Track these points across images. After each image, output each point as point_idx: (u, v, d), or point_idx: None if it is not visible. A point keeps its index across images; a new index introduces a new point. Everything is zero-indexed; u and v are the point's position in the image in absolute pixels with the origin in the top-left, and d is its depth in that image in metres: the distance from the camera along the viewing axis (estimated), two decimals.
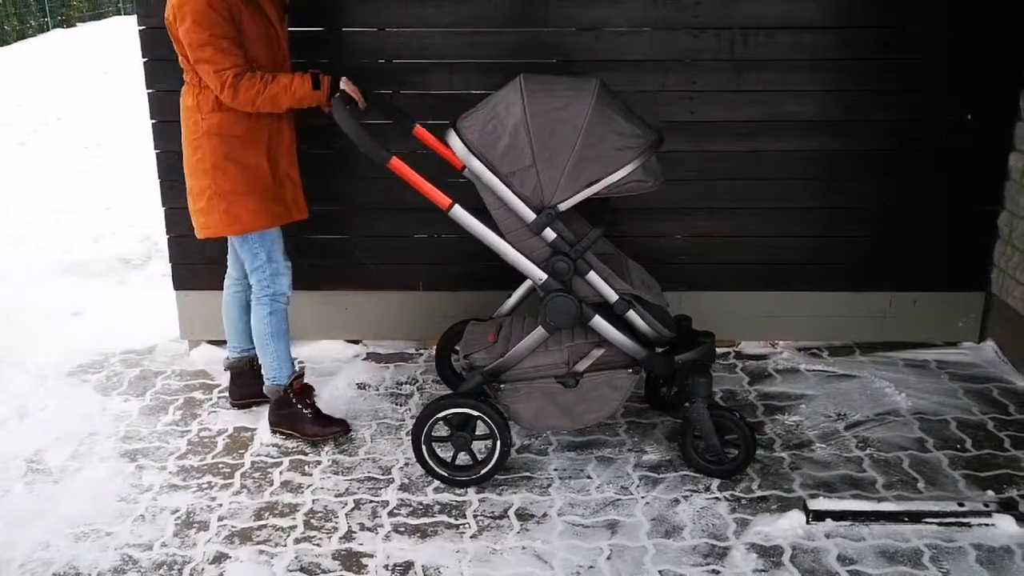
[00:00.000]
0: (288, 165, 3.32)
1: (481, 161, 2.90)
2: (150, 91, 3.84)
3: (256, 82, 3.05)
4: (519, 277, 3.25)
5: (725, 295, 4.04)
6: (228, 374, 3.68)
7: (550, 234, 2.95)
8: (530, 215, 2.92)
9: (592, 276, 3.00)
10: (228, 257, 3.50)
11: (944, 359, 3.99)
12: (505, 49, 3.75)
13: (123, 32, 16.23)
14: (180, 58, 3.17)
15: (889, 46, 3.73)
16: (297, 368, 3.48)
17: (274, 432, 3.46)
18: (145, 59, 3.79)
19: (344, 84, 3.16)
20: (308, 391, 3.52)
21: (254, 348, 3.48)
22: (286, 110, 3.17)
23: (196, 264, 4.03)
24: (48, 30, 20.24)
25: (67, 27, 21.05)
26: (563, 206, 2.91)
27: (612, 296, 3.03)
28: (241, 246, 3.30)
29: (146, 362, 4.10)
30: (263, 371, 3.44)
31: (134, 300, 4.83)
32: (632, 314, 3.04)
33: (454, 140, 2.93)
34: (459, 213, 2.97)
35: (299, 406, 3.42)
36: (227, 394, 3.71)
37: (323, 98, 3.12)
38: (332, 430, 3.42)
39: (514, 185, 2.91)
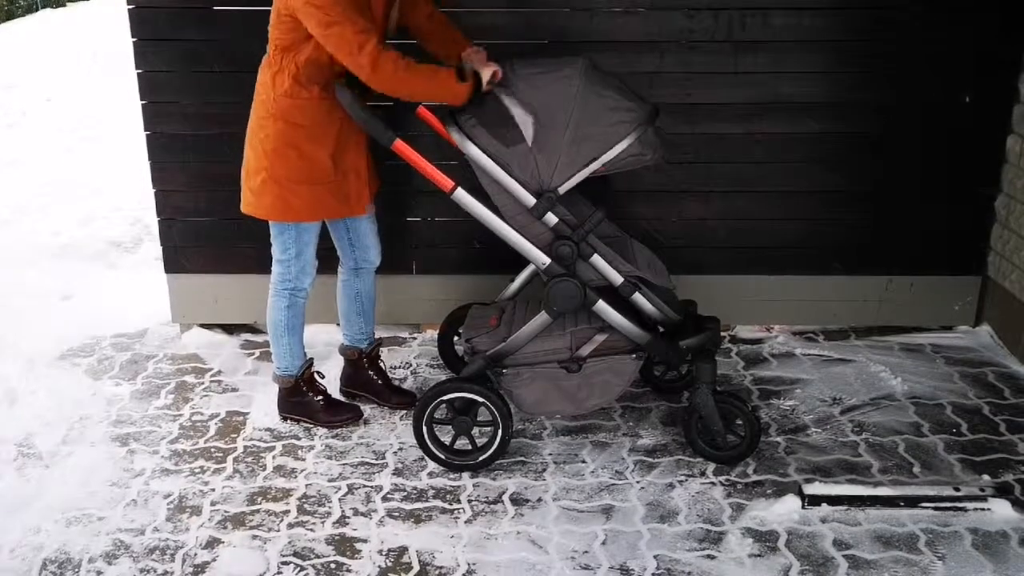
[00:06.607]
0: (355, 157, 3.14)
1: (478, 146, 2.87)
2: (139, 71, 3.78)
3: (397, 60, 2.78)
4: (518, 261, 3.22)
5: (720, 279, 4.02)
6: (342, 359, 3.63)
7: (552, 218, 2.92)
8: (530, 200, 2.89)
9: (596, 259, 2.97)
10: (336, 247, 3.40)
11: (940, 343, 3.98)
12: (498, 29, 3.70)
13: (113, 11, 16.08)
14: (271, 28, 2.94)
15: (887, 27, 3.70)
16: (306, 357, 3.44)
17: (284, 419, 3.44)
18: (135, 39, 3.74)
19: (486, 76, 2.87)
20: (317, 378, 3.47)
21: (364, 338, 3.51)
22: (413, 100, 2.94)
23: (187, 247, 4.00)
24: (37, 10, 20.03)
25: (57, 7, 20.84)
26: (563, 188, 2.88)
27: (617, 279, 3.00)
28: (276, 236, 3.20)
29: (137, 346, 4.07)
30: (273, 360, 3.39)
31: (125, 283, 4.78)
32: (638, 296, 3.02)
33: (451, 126, 2.90)
34: (462, 196, 2.95)
35: (311, 394, 3.40)
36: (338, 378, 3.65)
37: (465, 94, 2.85)
38: (344, 417, 3.40)
39: (512, 170, 2.88)
